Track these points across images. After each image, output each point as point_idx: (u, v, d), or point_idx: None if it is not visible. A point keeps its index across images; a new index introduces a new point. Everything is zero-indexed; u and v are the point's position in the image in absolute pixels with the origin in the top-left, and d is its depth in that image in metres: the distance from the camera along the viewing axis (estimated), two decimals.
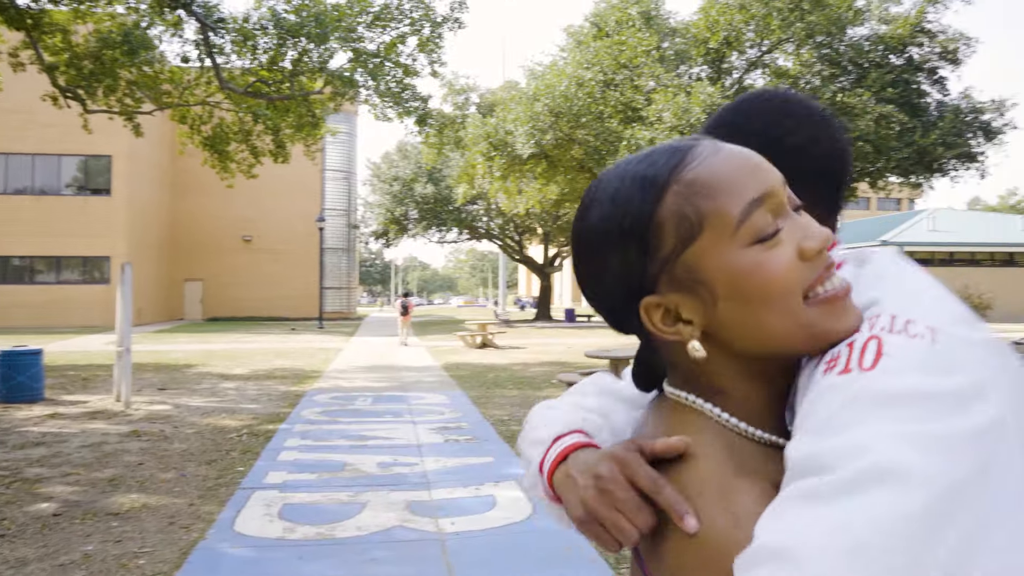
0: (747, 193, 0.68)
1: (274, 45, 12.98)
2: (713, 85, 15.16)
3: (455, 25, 13.88)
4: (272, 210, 40.53)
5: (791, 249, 0.69)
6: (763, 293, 0.68)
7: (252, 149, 15.17)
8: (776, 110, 0.93)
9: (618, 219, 0.71)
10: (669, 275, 0.71)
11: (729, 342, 0.71)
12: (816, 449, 0.61)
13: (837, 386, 0.64)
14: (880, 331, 0.66)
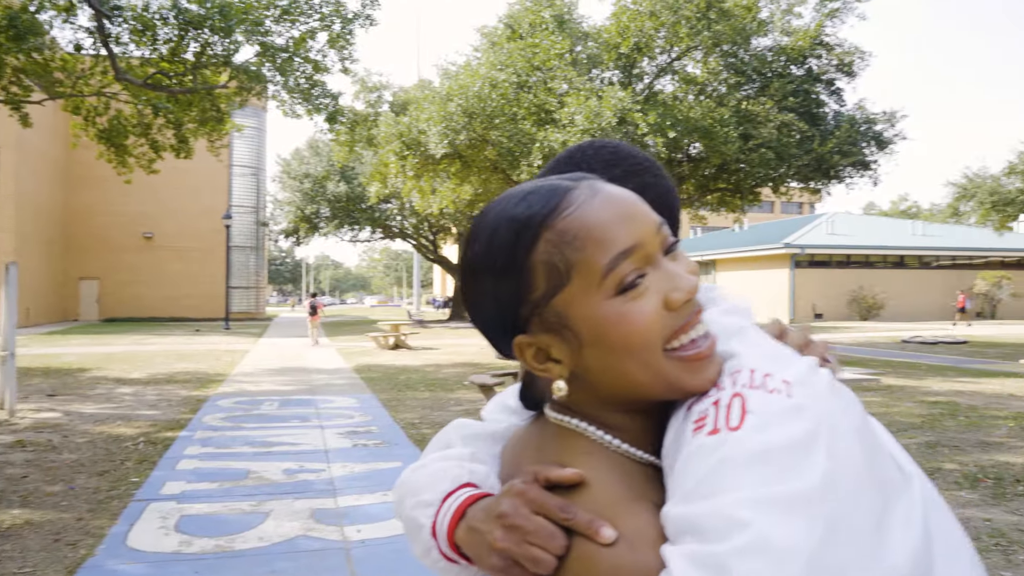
0: (615, 245, 0.69)
1: (175, 36, 12.41)
2: (624, 90, 15.42)
3: (367, 22, 13.62)
4: (175, 206, 39.00)
5: (656, 299, 0.70)
6: (625, 343, 0.69)
7: (152, 143, 14.48)
8: (606, 159, 0.97)
9: (494, 260, 0.73)
10: (540, 318, 0.73)
11: (590, 384, 0.74)
12: (690, 512, 0.63)
13: (706, 447, 0.65)
14: (742, 387, 0.68)
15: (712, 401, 0.69)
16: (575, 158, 0.98)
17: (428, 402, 11.13)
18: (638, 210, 0.72)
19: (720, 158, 15.61)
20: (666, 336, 0.70)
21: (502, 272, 0.73)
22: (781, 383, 0.68)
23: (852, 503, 0.63)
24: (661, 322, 0.70)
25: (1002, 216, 22.31)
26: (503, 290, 0.74)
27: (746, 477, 0.62)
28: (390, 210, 35.07)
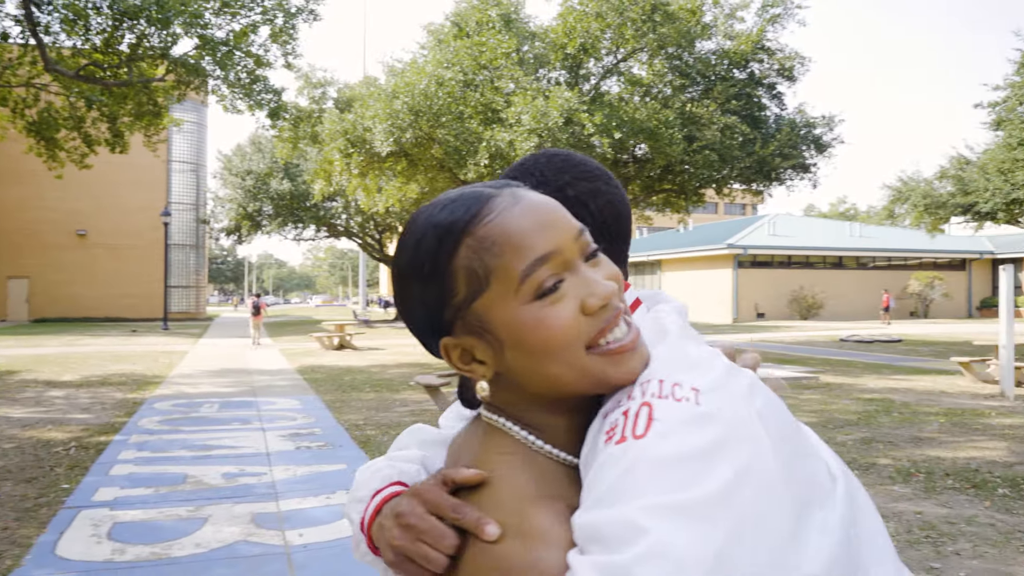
0: (533, 251, 0.72)
1: (109, 26, 11.97)
2: (571, 90, 15.49)
3: (310, 17, 13.37)
4: (111, 203, 37.82)
5: (574, 304, 0.72)
6: (544, 346, 0.72)
7: (85, 137, 13.95)
8: (558, 166, 0.97)
9: (419, 264, 0.76)
10: (463, 320, 0.75)
11: (514, 384, 0.76)
12: (596, 519, 0.64)
13: (614, 456, 0.67)
14: (651, 397, 0.70)
15: (623, 411, 0.70)
16: (527, 165, 0.99)
17: (373, 403, 11.01)
18: (558, 217, 0.74)
19: (665, 159, 15.80)
20: (585, 340, 0.73)
21: (428, 277, 0.75)
22: (690, 391, 0.69)
23: (761, 510, 0.63)
24: (579, 327, 0.72)
25: (934, 219, 23.10)
26: (429, 294, 0.76)
27: (648, 485, 0.63)
28: (335, 208, 34.62)
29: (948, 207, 22.14)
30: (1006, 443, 7.99)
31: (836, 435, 8.49)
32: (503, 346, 0.74)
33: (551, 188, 0.94)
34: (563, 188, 0.94)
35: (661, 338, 0.80)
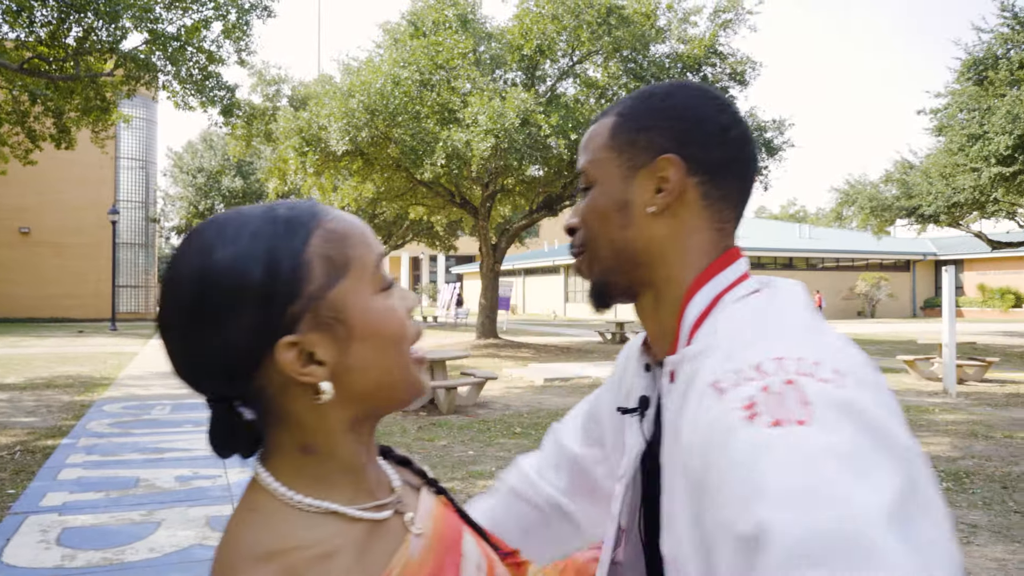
0: (375, 248, 0.77)
1: (55, 18, 11.66)
2: (527, 91, 15.54)
3: (264, 13, 13.20)
4: (56, 200, 36.74)
5: (401, 304, 0.77)
6: (393, 335, 0.74)
7: (29, 132, 13.55)
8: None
9: (263, 256, 0.70)
10: (313, 313, 0.71)
11: (348, 385, 0.73)
12: (804, 528, 0.58)
13: (774, 440, 0.63)
14: (794, 374, 0.68)
15: (761, 387, 0.68)
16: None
17: None
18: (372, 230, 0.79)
19: None
20: (412, 340, 0.77)
21: (275, 268, 0.70)
22: (831, 372, 0.68)
23: (923, 491, 0.64)
24: (409, 325, 0.77)
25: (880, 221, 23.75)
26: (272, 288, 0.70)
27: (850, 487, 0.59)
28: None
29: (893, 210, 22.78)
30: (949, 438, 8.27)
31: None
32: (352, 338, 0.72)
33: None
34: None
35: (784, 314, 0.79)
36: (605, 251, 0.93)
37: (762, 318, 0.81)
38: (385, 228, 36.47)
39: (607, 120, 0.95)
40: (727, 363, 0.74)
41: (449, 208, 21.54)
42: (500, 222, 23.87)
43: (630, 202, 0.91)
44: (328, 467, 0.75)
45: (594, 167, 0.94)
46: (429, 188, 18.74)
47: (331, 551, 0.70)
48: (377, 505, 0.77)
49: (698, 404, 0.73)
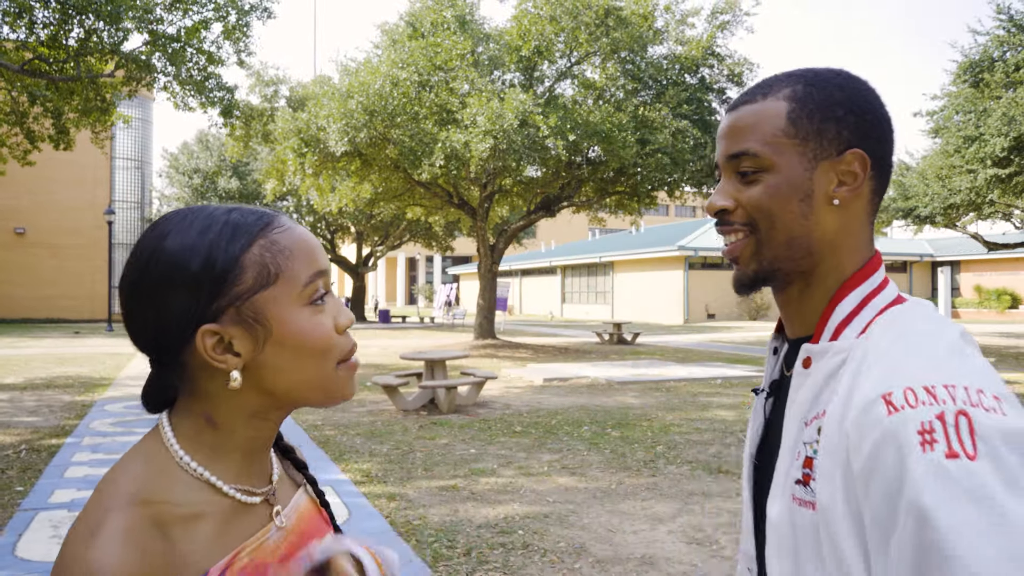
0: (316, 265, 0.84)
1: (56, 20, 11.69)
2: (526, 92, 15.60)
3: (264, 14, 13.25)
4: (51, 200, 36.65)
5: (331, 320, 0.85)
6: (312, 347, 0.82)
7: (28, 133, 13.56)
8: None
9: (204, 252, 0.80)
10: (236, 310, 0.80)
11: (260, 379, 0.82)
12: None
13: (952, 474, 0.74)
14: (963, 404, 0.77)
15: (936, 414, 0.76)
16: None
17: None
18: (321, 247, 0.87)
19: (618, 162, 16.01)
20: (338, 354, 0.85)
21: (211, 264, 0.79)
22: (992, 399, 0.78)
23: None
24: (336, 340, 0.84)
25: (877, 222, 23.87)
26: (203, 281, 0.79)
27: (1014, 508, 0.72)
28: (286, 208, 34.19)
29: (890, 211, 22.89)
30: None
31: None
32: (267, 340, 0.81)
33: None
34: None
35: (943, 334, 0.87)
36: (781, 238, 0.95)
37: (921, 334, 0.87)
38: (382, 228, 36.44)
39: (777, 104, 0.95)
40: (894, 378, 0.81)
41: (447, 209, 21.58)
42: (498, 223, 23.93)
43: (812, 192, 0.93)
44: (223, 443, 0.83)
45: (772, 152, 0.94)
46: (427, 189, 18.79)
47: (198, 515, 0.79)
48: (249, 490, 0.85)
49: (860, 407, 0.81)
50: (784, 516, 0.91)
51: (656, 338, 24.77)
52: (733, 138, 0.98)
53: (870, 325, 0.92)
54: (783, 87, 0.97)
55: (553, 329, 31.79)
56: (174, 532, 0.76)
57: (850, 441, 0.81)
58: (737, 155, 0.97)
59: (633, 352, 19.38)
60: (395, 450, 7.75)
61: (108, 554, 0.71)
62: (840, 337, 0.93)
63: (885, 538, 0.77)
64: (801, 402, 0.93)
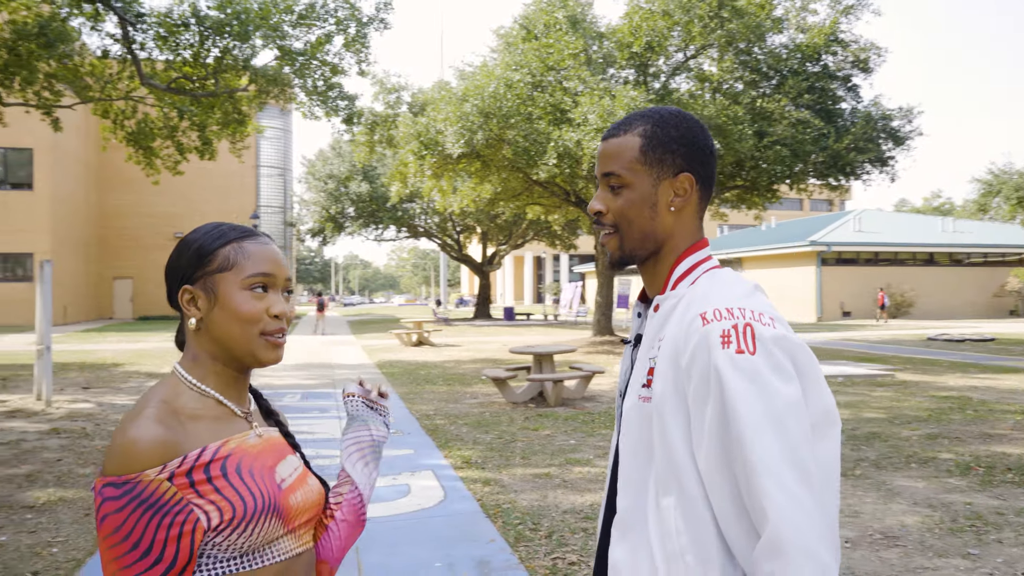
0: (260, 267, 1.25)
1: (196, 41, 12.87)
2: (638, 88, 15.58)
3: (381, 25, 13.97)
4: (204, 207, 39.76)
5: (264, 305, 1.25)
6: (238, 316, 1.23)
7: (178, 145, 14.96)
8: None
9: (199, 242, 1.27)
10: (203, 281, 1.25)
11: (210, 330, 1.25)
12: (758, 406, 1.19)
13: (739, 362, 1.16)
14: (751, 319, 1.20)
15: (732, 324, 1.19)
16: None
17: (444, 395, 11.44)
18: (281, 261, 1.29)
19: (735, 155, 15.68)
20: (261, 327, 1.24)
21: (198, 252, 1.26)
22: (769, 319, 1.21)
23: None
24: (262, 317, 1.24)
25: None
26: (192, 260, 1.26)
27: (777, 386, 1.15)
28: (413, 209, 35.47)
29: None
30: None
31: (900, 430, 8.41)
32: (214, 306, 1.23)
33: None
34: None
35: (739, 282, 1.30)
36: (636, 234, 1.36)
37: (727, 283, 1.30)
38: (506, 228, 37.08)
39: (633, 139, 1.35)
40: (707, 304, 1.24)
41: (565, 207, 21.79)
42: None
43: (657, 202, 1.35)
44: (205, 373, 1.25)
45: (629, 174, 1.34)
46: (544, 188, 19.07)
47: (199, 414, 1.21)
48: (235, 406, 1.26)
49: (686, 324, 1.23)
50: (632, 410, 1.31)
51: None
52: (605, 161, 1.38)
53: (698, 279, 1.34)
54: (639, 125, 1.36)
55: None
56: (185, 421, 1.17)
57: (678, 345, 1.23)
58: (607, 174, 1.37)
59: None
60: (498, 439, 8.04)
61: (142, 428, 1.11)
62: (677, 288, 1.34)
63: (702, 405, 1.18)
64: (650, 332, 1.34)
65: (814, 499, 1.10)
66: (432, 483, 6.22)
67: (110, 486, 1.09)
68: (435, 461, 7.04)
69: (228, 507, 1.14)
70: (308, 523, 1.31)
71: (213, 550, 1.14)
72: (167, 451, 1.11)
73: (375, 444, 1.55)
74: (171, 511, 1.09)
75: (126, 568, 1.08)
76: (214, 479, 1.14)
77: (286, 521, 1.22)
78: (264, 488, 1.20)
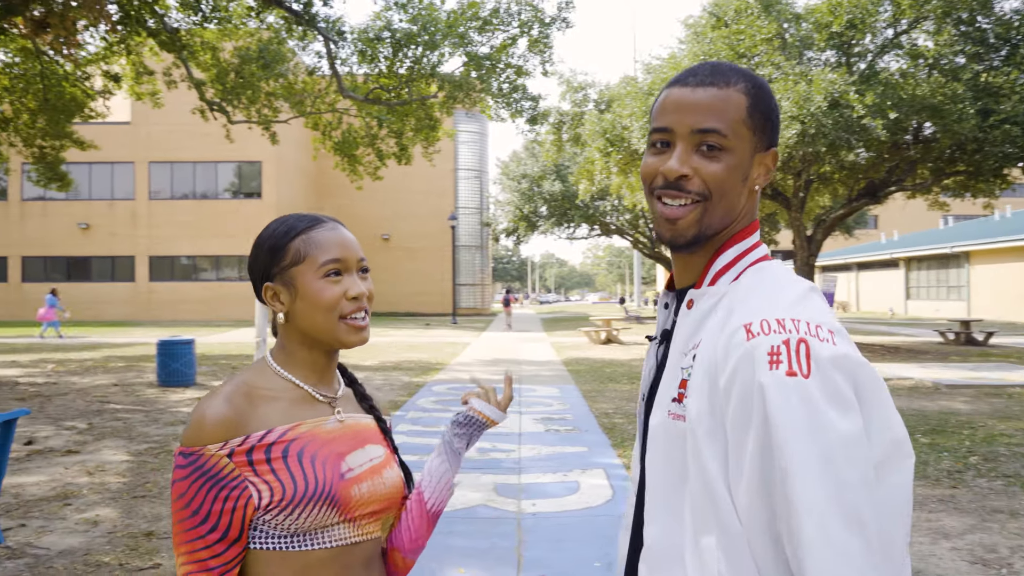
0: (330, 254, 1.28)
1: (390, 53, 13.70)
2: (837, 71, 14.49)
3: (563, 25, 14.08)
4: (408, 210, 42.21)
5: (341, 289, 1.28)
6: (320, 304, 1.27)
7: (377, 152, 16.00)
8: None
9: (271, 240, 1.31)
10: (282, 276, 1.30)
11: (296, 320, 1.30)
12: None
13: (789, 386, 0.96)
14: (805, 334, 0.99)
15: (782, 340, 0.98)
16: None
17: (627, 394, 11.31)
18: (351, 243, 1.31)
19: (953, 138, 14.15)
20: (339, 312, 1.27)
21: (271, 248, 1.31)
22: (827, 332, 0.99)
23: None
24: (340, 302, 1.27)
25: None
26: (267, 257, 1.31)
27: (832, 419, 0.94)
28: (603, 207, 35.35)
29: None
30: None
31: None
32: (297, 297, 1.28)
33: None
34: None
35: (792, 283, 1.09)
36: (722, 210, 1.12)
37: (777, 283, 1.09)
38: None
39: (739, 96, 1.12)
40: (753, 312, 1.03)
41: (760, 201, 20.76)
42: (819, 212, 22.44)
43: (749, 176, 1.14)
44: (290, 358, 1.32)
45: (734, 137, 1.11)
46: None
47: (276, 396, 1.27)
48: (315, 391, 1.31)
49: (727, 335, 1.02)
50: (660, 427, 1.12)
51: (1017, 339, 21.36)
52: (700, 113, 1.10)
53: (742, 274, 1.13)
54: (739, 81, 1.13)
55: (891, 328, 28.89)
56: (258, 402, 1.24)
57: (717, 360, 1.02)
58: (706, 131, 1.10)
59: (982, 354, 16.98)
60: None
61: (212, 406, 1.20)
62: (717, 283, 1.13)
63: (743, 433, 0.98)
64: (683, 335, 1.13)
65: (865, 549, 0.92)
66: (602, 481, 6.16)
67: (181, 455, 1.20)
68: (608, 460, 6.97)
69: (279, 488, 1.20)
70: (375, 515, 1.32)
71: (264, 526, 1.21)
72: (229, 429, 1.19)
73: (449, 439, 1.51)
74: (227, 485, 1.18)
75: (186, 531, 1.18)
76: (272, 460, 1.21)
77: (343, 510, 1.25)
78: (322, 476, 1.23)
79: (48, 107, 14.84)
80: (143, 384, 12.34)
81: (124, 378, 13.12)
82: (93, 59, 15.01)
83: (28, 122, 15.56)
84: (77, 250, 35.58)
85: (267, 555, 1.22)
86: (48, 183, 17.32)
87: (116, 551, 4.59)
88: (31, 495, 5.81)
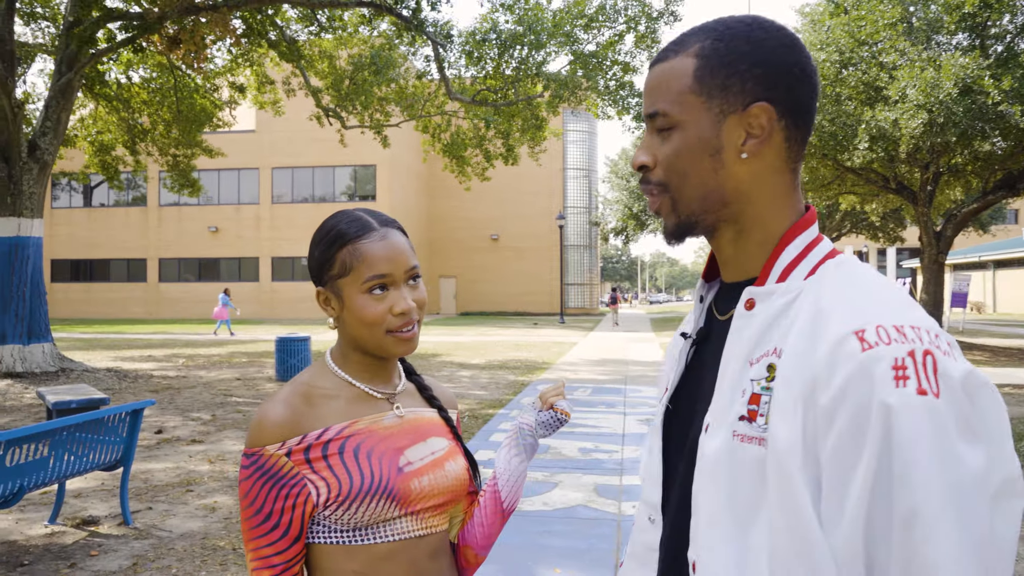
0: (377, 269, 1.26)
1: (496, 55, 13.84)
2: (969, 55, 13.54)
3: (671, 18, 13.81)
4: (516, 210, 42.52)
5: (387, 305, 1.27)
6: (362, 320, 1.27)
7: (485, 153, 16.20)
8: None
9: (320, 246, 1.32)
10: (330, 285, 1.31)
11: (345, 329, 1.32)
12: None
13: (915, 406, 0.79)
14: (930, 345, 0.82)
15: (908, 351, 0.81)
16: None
17: None
18: (401, 254, 1.29)
19: None
20: (386, 326, 1.27)
21: (320, 259, 1.32)
22: (947, 344, 0.83)
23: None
24: (385, 317, 1.26)
25: None
26: (320, 264, 1.32)
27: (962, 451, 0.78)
28: None
29: None
30: None
31: None
32: (344, 307, 1.29)
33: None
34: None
35: (889, 283, 0.92)
36: (694, 193, 0.97)
37: (875, 283, 0.90)
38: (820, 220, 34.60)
39: (685, 62, 0.96)
40: (862, 316, 0.84)
41: (884, 195, 19.71)
42: (949, 207, 21.07)
43: (722, 147, 0.94)
44: (346, 360, 1.34)
45: (680, 110, 0.95)
46: (858, 175, 17.40)
47: (334, 395, 1.30)
48: (373, 389, 1.33)
49: (829, 343, 0.84)
50: (723, 452, 0.92)
51: None
52: (649, 96, 0.99)
53: (818, 268, 0.94)
54: (694, 43, 0.96)
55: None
56: (316, 402, 1.27)
57: (817, 373, 0.83)
58: (652, 115, 0.98)
59: None
60: None
61: (271, 409, 1.24)
62: (788, 279, 0.94)
63: (849, 463, 0.80)
64: (746, 340, 0.94)
65: None
66: None
67: (244, 456, 1.25)
68: None
69: (336, 484, 1.22)
70: (438, 508, 1.32)
71: (325, 521, 1.25)
72: (286, 430, 1.23)
73: (522, 433, 1.46)
74: (287, 483, 1.21)
75: (252, 529, 1.22)
76: (329, 457, 1.23)
77: (403, 504, 1.26)
78: (379, 470, 1.25)
79: (181, 118, 15.86)
80: (263, 379, 12.96)
81: (246, 373, 13.83)
82: (220, 72, 15.94)
83: (163, 132, 16.67)
84: (207, 252, 37.79)
85: (332, 549, 1.25)
86: (180, 189, 18.46)
87: (230, 536, 4.83)
88: (158, 480, 6.20)
